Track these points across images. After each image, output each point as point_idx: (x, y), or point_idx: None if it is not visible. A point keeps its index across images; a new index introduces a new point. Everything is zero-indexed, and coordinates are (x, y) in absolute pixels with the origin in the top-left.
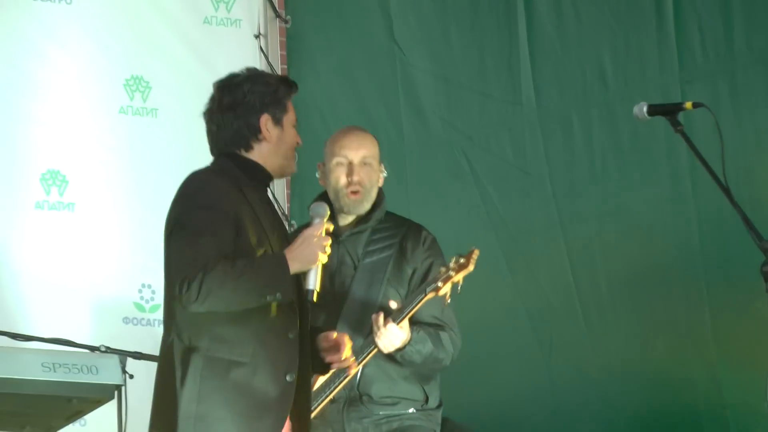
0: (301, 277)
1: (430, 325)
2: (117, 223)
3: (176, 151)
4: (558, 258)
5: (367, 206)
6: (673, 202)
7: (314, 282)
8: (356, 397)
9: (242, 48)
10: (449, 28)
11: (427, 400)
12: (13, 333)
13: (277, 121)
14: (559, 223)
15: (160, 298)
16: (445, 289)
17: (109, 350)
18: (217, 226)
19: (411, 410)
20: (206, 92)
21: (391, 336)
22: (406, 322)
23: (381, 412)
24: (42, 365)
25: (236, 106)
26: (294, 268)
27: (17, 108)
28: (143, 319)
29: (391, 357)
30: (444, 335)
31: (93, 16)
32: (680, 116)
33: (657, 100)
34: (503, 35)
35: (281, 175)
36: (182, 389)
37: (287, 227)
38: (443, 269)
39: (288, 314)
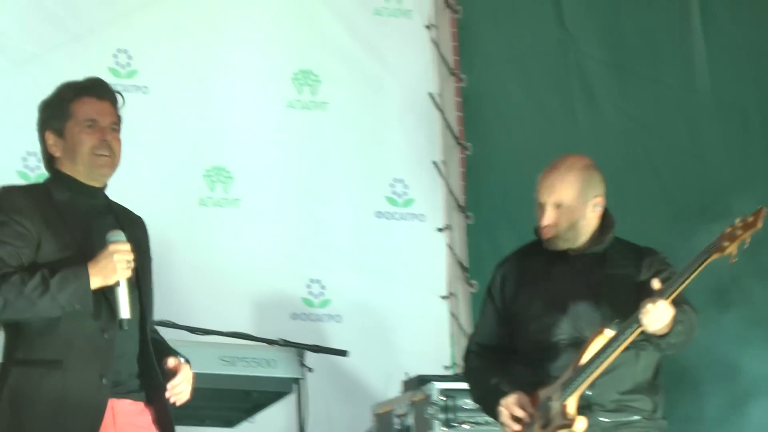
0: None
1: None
2: (283, 218)
3: (346, 144)
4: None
5: (569, 242)
6: None
7: (125, 310)
8: (586, 405)
9: (413, 39)
10: (621, 15)
11: (655, 410)
12: (192, 327)
13: (59, 133)
14: (739, 212)
15: (330, 293)
16: (731, 249)
17: (287, 343)
18: (10, 237)
19: (636, 417)
20: (377, 85)
21: (659, 312)
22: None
23: (608, 419)
24: (221, 359)
25: (38, 130)
26: (96, 282)
27: (184, 104)
28: (312, 314)
29: (631, 356)
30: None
31: (260, 10)
32: None
33: None
34: (676, 21)
35: (95, 181)
36: None
37: (464, 218)
38: (728, 230)
39: (105, 313)
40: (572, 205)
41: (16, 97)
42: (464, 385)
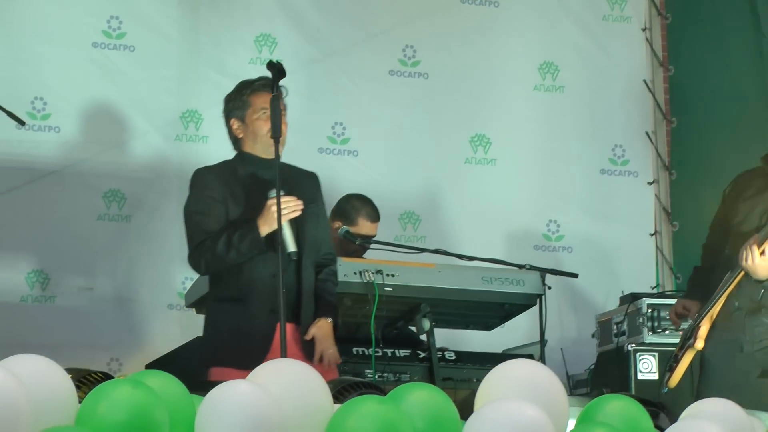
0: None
1: None
2: (529, 174)
3: (578, 118)
4: None
5: None
6: None
7: (291, 245)
8: (757, 307)
9: (631, 38)
10: None
11: None
12: (460, 254)
13: (242, 120)
14: None
15: (564, 230)
16: None
17: (532, 267)
18: (205, 209)
19: None
20: (603, 73)
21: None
22: None
23: None
24: (482, 278)
25: (224, 118)
26: (263, 230)
27: (455, 87)
28: (550, 246)
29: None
30: None
31: (515, 17)
32: None
33: None
34: None
35: (270, 155)
36: None
37: (668, 175)
38: None
39: (273, 260)
40: None
41: (327, 80)
42: (667, 301)
